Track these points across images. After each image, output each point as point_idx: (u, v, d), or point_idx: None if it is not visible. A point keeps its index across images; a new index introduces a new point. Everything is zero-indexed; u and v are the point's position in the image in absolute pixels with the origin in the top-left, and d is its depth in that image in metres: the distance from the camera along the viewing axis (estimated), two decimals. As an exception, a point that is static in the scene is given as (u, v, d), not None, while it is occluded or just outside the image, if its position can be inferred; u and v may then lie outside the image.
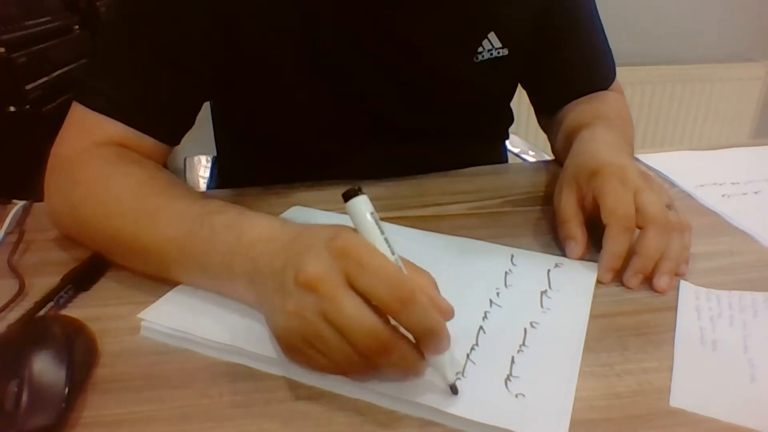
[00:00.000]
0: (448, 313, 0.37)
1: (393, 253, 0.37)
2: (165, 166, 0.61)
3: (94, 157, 0.55)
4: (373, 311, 0.35)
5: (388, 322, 0.35)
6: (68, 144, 0.57)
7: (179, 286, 0.48)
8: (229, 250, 0.44)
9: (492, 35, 0.68)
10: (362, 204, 0.37)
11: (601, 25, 0.76)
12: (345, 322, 0.35)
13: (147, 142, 0.59)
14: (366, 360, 0.36)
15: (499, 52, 0.69)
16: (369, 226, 0.37)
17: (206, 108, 0.85)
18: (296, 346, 0.38)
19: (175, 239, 0.46)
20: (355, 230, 0.38)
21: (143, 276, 0.50)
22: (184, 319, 0.44)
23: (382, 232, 0.37)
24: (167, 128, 0.61)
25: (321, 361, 0.37)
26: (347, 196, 0.37)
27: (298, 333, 0.37)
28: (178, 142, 0.64)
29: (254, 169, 0.77)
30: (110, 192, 0.52)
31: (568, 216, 0.55)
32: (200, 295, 0.47)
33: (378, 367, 0.37)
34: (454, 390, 0.38)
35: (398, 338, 0.36)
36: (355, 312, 0.35)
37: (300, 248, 0.39)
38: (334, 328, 0.35)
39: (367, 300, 0.35)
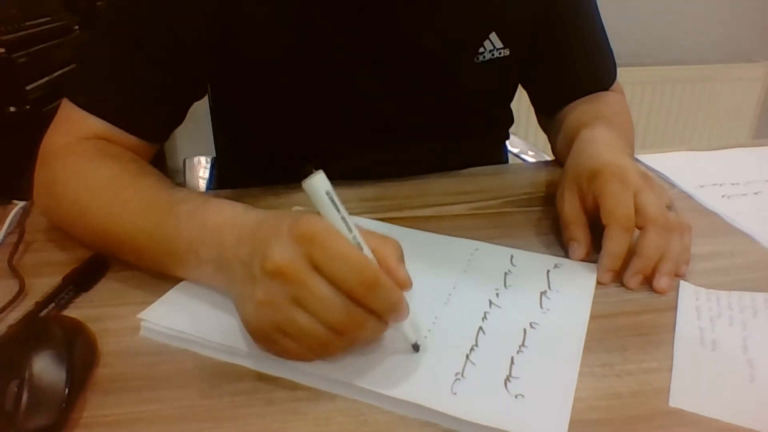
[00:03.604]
0: (406, 285, 0.39)
1: (351, 231, 0.38)
2: (158, 162, 0.61)
3: (72, 153, 0.56)
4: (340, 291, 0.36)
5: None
6: (54, 139, 0.58)
7: (178, 286, 0.48)
8: (194, 238, 0.45)
9: (493, 35, 0.68)
10: (318, 183, 0.37)
11: (602, 25, 0.76)
12: (317, 305, 0.36)
13: (131, 139, 0.59)
14: (338, 337, 0.37)
15: (500, 53, 0.69)
16: (325, 205, 0.37)
17: (205, 109, 0.86)
18: (267, 334, 0.38)
19: (145, 229, 0.48)
20: (317, 213, 0.38)
21: (143, 276, 0.50)
22: (184, 320, 0.44)
23: (339, 210, 0.37)
24: (151, 128, 0.61)
25: (292, 348, 0.38)
26: (302, 176, 0.37)
27: (270, 320, 0.38)
28: (164, 140, 0.64)
29: (254, 169, 0.77)
30: (85, 188, 0.53)
31: (571, 218, 0.55)
32: (200, 296, 0.47)
33: (349, 342, 0.38)
34: (416, 348, 0.41)
35: (368, 313, 0.37)
36: (325, 293, 0.36)
37: (264, 235, 0.39)
38: (307, 312, 0.36)
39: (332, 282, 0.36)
